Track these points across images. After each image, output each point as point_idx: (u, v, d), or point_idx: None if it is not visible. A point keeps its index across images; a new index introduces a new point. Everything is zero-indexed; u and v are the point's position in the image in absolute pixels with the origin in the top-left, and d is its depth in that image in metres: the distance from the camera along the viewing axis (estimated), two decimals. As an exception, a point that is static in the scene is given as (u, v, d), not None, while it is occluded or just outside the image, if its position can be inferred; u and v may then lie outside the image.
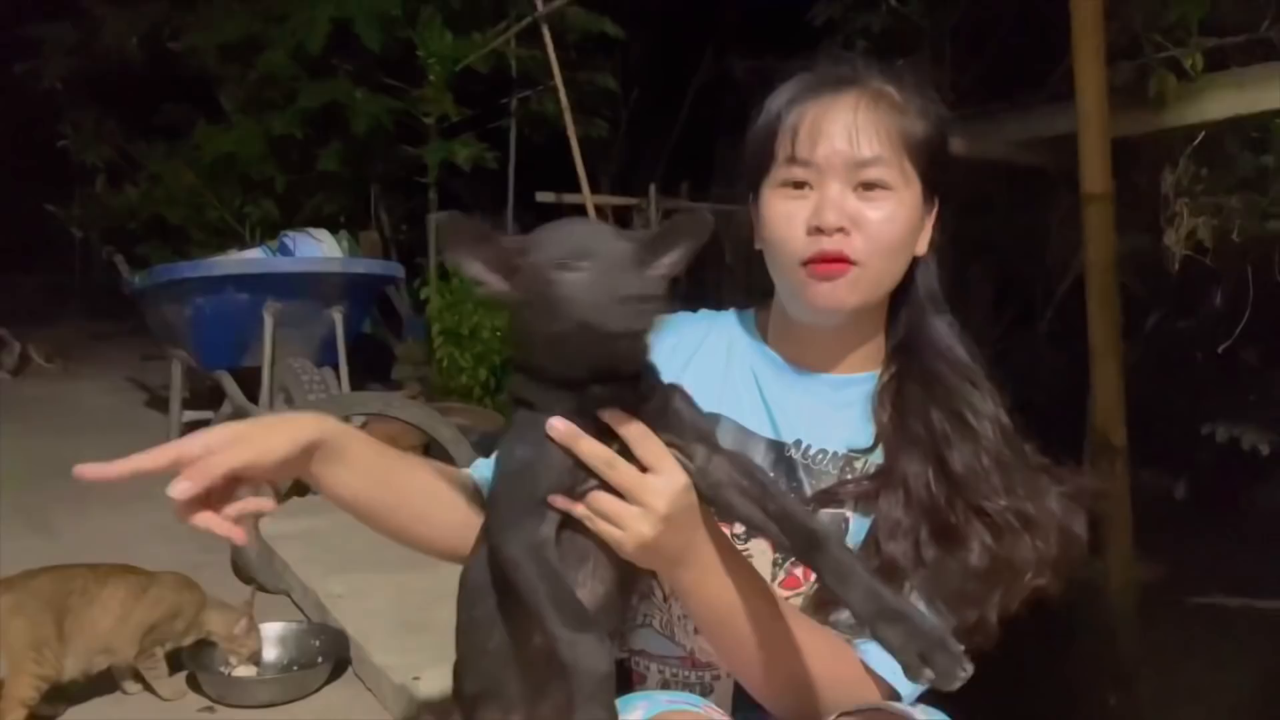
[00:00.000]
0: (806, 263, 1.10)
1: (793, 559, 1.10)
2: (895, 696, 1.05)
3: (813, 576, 1.08)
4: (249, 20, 6.61)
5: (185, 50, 6.92)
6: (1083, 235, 2.48)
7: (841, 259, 1.09)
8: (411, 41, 6.14)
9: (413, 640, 2.40)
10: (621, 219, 6.19)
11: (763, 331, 1.25)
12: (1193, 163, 3.12)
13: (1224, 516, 3.53)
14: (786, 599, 1.09)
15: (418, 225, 6.81)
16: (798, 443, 1.17)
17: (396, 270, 5.12)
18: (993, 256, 4.31)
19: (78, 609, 2.28)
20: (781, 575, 1.12)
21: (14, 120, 8.27)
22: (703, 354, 1.23)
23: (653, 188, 6.13)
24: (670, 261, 0.93)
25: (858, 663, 1.04)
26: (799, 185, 1.11)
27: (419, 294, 5.99)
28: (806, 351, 1.19)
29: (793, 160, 1.10)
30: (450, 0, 6.19)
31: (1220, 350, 3.22)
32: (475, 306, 5.36)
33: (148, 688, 2.43)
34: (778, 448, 1.17)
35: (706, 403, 1.10)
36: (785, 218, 1.11)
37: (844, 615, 1.04)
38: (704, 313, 1.32)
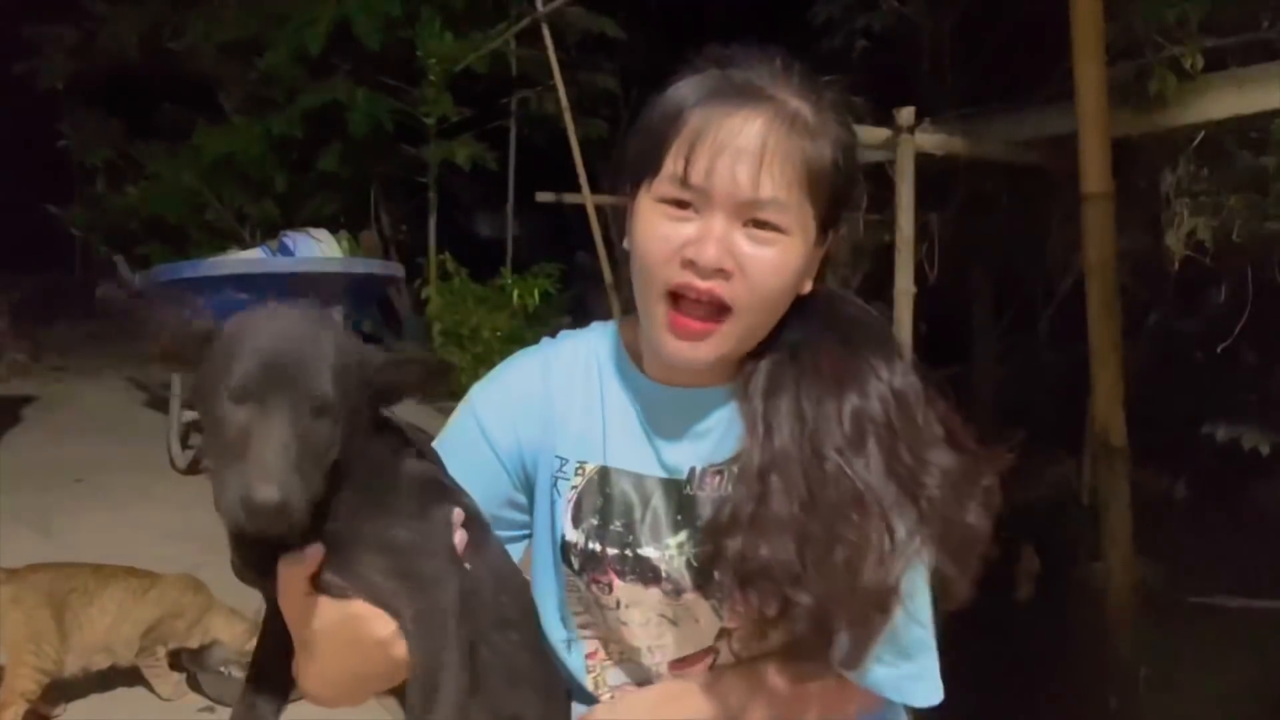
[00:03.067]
0: (671, 300, 0.98)
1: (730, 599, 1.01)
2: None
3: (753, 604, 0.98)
4: (249, 20, 6.61)
5: (185, 50, 6.92)
6: (1083, 235, 2.48)
7: (714, 300, 0.97)
8: (411, 41, 6.13)
9: None
10: (622, 219, 6.19)
11: (630, 350, 1.11)
12: (1193, 163, 3.12)
13: (1224, 516, 3.52)
14: (739, 630, 1.05)
15: (418, 225, 6.81)
16: (693, 471, 1.06)
17: (396, 270, 5.12)
18: (993, 256, 4.31)
19: (76, 607, 2.28)
20: (726, 614, 1.05)
21: (14, 120, 8.25)
22: (574, 395, 1.11)
23: (653, 188, 6.12)
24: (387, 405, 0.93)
25: (837, 691, 1.02)
26: (682, 205, 0.97)
27: (419, 294, 5.99)
28: (679, 371, 1.05)
29: (681, 181, 0.96)
30: (450, 0, 6.19)
31: (1220, 350, 3.22)
32: (475, 306, 5.36)
33: (148, 686, 2.44)
34: (673, 486, 1.06)
35: (590, 453, 1.09)
36: (660, 239, 0.98)
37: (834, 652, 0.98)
38: (550, 343, 1.17)
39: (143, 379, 6.47)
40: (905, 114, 3.01)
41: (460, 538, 0.95)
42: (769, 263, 0.97)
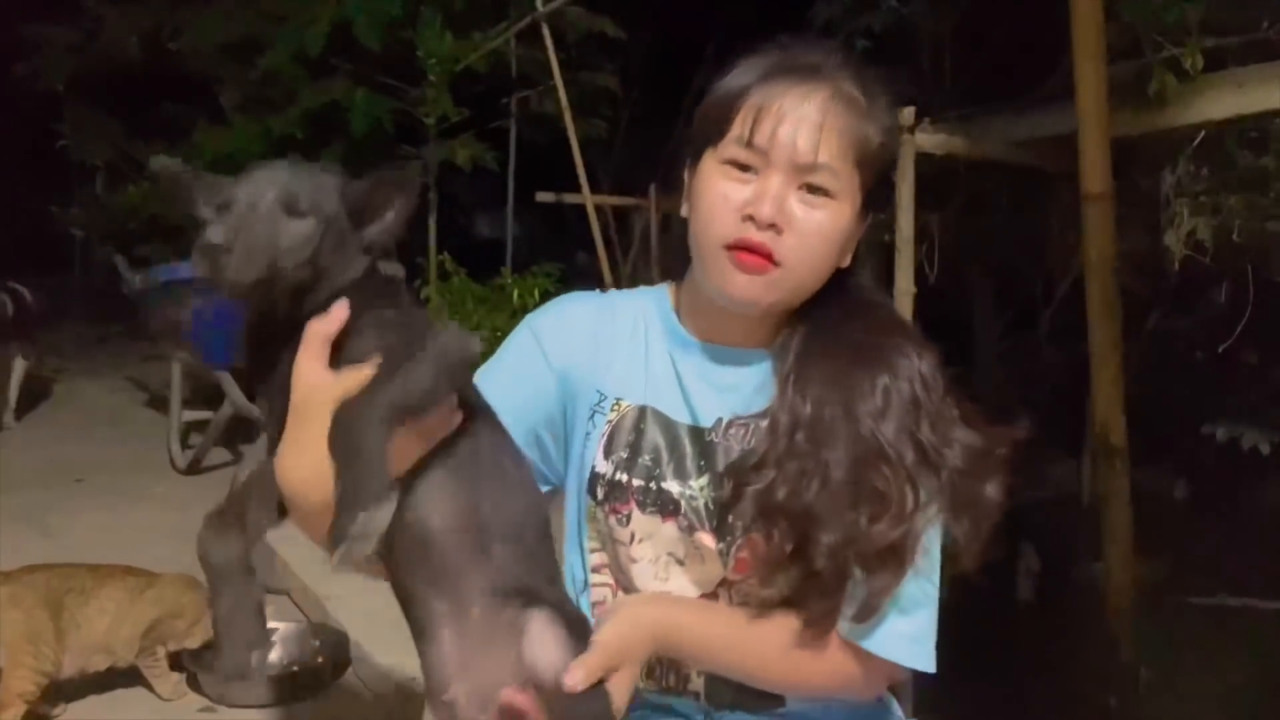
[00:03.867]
0: (730, 247, 1.07)
1: (738, 544, 1.10)
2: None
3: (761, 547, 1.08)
4: (249, 20, 6.61)
5: (185, 50, 6.92)
6: (1083, 235, 2.48)
7: (766, 255, 1.06)
8: (411, 41, 6.13)
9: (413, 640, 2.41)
10: (622, 219, 6.19)
11: (676, 308, 1.22)
12: (1193, 163, 3.12)
13: (1224, 516, 3.53)
14: (741, 581, 1.11)
15: (418, 225, 6.81)
16: (719, 422, 1.15)
17: (397, 270, 5.11)
18: (993, 256, 4.31)
19: (74, 607, 2.28)
20: (731, 563, 1.12)
21: (14, 120, 8.25)
22: (620, 340, 1.21)
23: (653, 188, 6.13)
24: (381, 228, 1.02)
25: (839, 652, 1.06)
26: (743, 168, 1.08)
27: (419, 294, 5.99)
28: (720, 328, 1.17)
29: (746, 143, 1.07)
30: (450, 0, 6.19)
31: (1220, 350, 3.22)
32: (475, 306, 5.36)
33: (148, 686, 2.44)
34: (698, 433, 1.15)
35: (629, 392, 1.17)
36: (721, 196, 1.08)
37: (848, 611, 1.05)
38: (609, 294, 1.29)
39: (143, 379, 6.48)
40: (905, 114, 3.01)
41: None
42: (818, 223, 1.07)
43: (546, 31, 4.93)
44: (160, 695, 2.43)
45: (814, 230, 1.07)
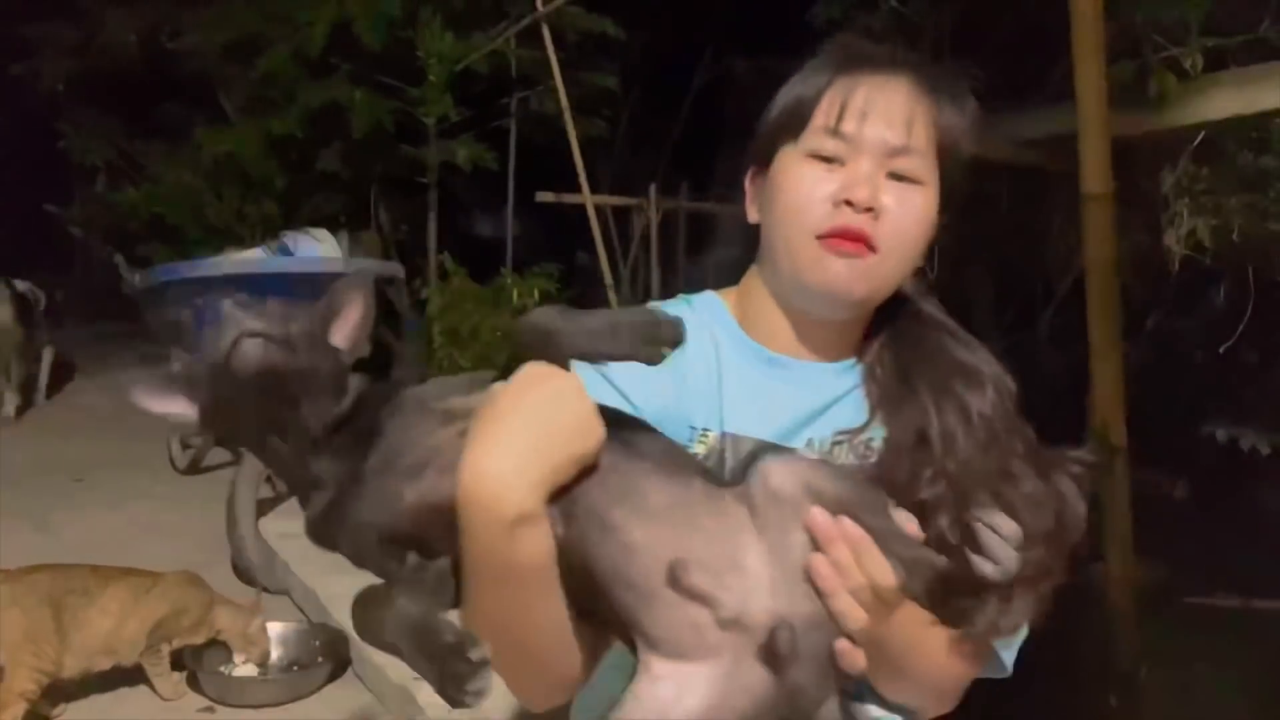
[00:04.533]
0: (823, 236, 1.04)
1: None
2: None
3: None
4: (249, 20, 6.61)
5: (185, 50, 6.92)
6: (1083, 235, 2.48)
7: (864, 239, 1.03)
8: (411, 41, 6.13)
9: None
10: (622, 219, 6.19)
11: (738, 318, 1.16)
12: (1193, 163, 3.12)
13: (1224, 516, 3.52)
14: None
15: (418, 225, 6.81)
16: (809, 442, 1.10)
17: (396, 270, 5.12)
18: (993, 256, 4.31)
19: (76, 608, 2.28)
20: None
21: (14, 120, 8.25)
22: (695, 363, 1.12)
23: (653, 188, 6.13)
24: (351, 332, 0.93)
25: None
26: (827, 160, 1.05)
27: (419, 294, 5.99)
28: (795, 339, 1.12)
29: (832, 132, 1.04)
30: (450, 0, 6.20)
31: (1220, 350, 3.22)
32: (475, 306, 5.36)
33: (149, 685, 2.44)
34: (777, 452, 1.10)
35: (710, 420, 1.09)
36: (810, 184, 1.05)
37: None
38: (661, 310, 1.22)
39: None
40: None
41: None
42: (910, 207, 1.05)
43: (546, 31, 4.93)
44: (160, 695, 2.43)
45: (909, 214, 1.05)
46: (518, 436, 0.83)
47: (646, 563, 0.85)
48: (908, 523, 0.91)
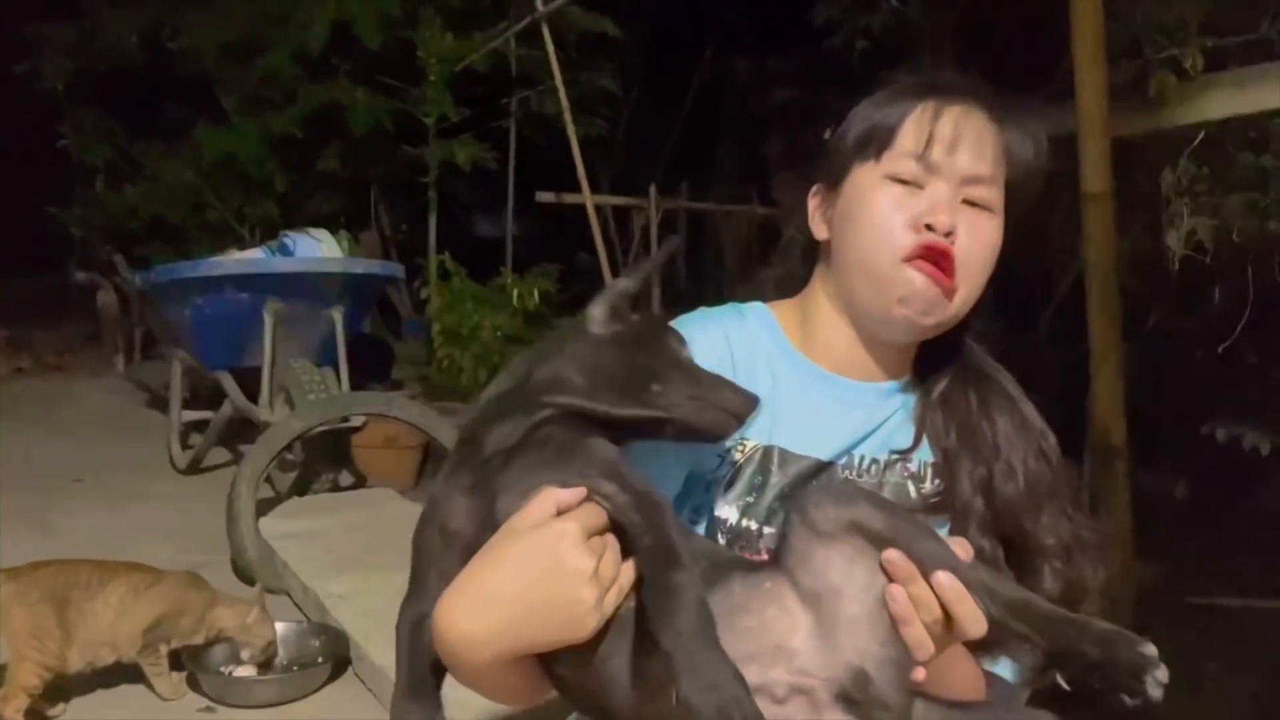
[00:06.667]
0: (909, 259, 1.04)
1: None
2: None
3: None
4: (249, 20, 6.62)
5: (185, 50, 6.93)
6: (1083, 235, 2.48)
7: (949, 256, 1.04)
8: (411, 41, 6.14)
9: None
10: (621, 219, 6.19)
11: (790, 335, 1.16)
12: (1193, 163, 3.12)
13: (1224, 516, 3.52)
14: None
15: (418, 225, 6.82)
16: (858, 460, 1.12)
17: (396, 270, 5.12)
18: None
19: (79, 602, 2.29)
20: None
21: (14, 120, 8.25)
22: (740, 373, 1.10)
23: (653, 188, 6.14)
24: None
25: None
26: (906, 183, 1.06)
27: (419, 294, 5.99)
28: (851, 359, 1.13)
29: (917, 156, 1.05)
30: (450, 0, 6.20)
31: (1220, 350, 3.21)
32: (475, 306, 5.37)
33: (149, 685, 2.44)
34: (834, 472, 1.11)
35: (756, 431, 1.09)
36: (893, 207, 1.06)
37: None
38: (713, 319, 1.17)
39: (143, 379, 6.48)
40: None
41: None
42: (981, 235, 1.07)
43: (546, 31, 4.93)
44: (160, 695, 2.42)
45: (980, 241, 1.07)
46: (496, 605, 0.83)
47: None
48: (960, 548, 0.91)
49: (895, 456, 1.12)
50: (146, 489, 4.19)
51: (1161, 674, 0.84)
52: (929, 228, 1.04)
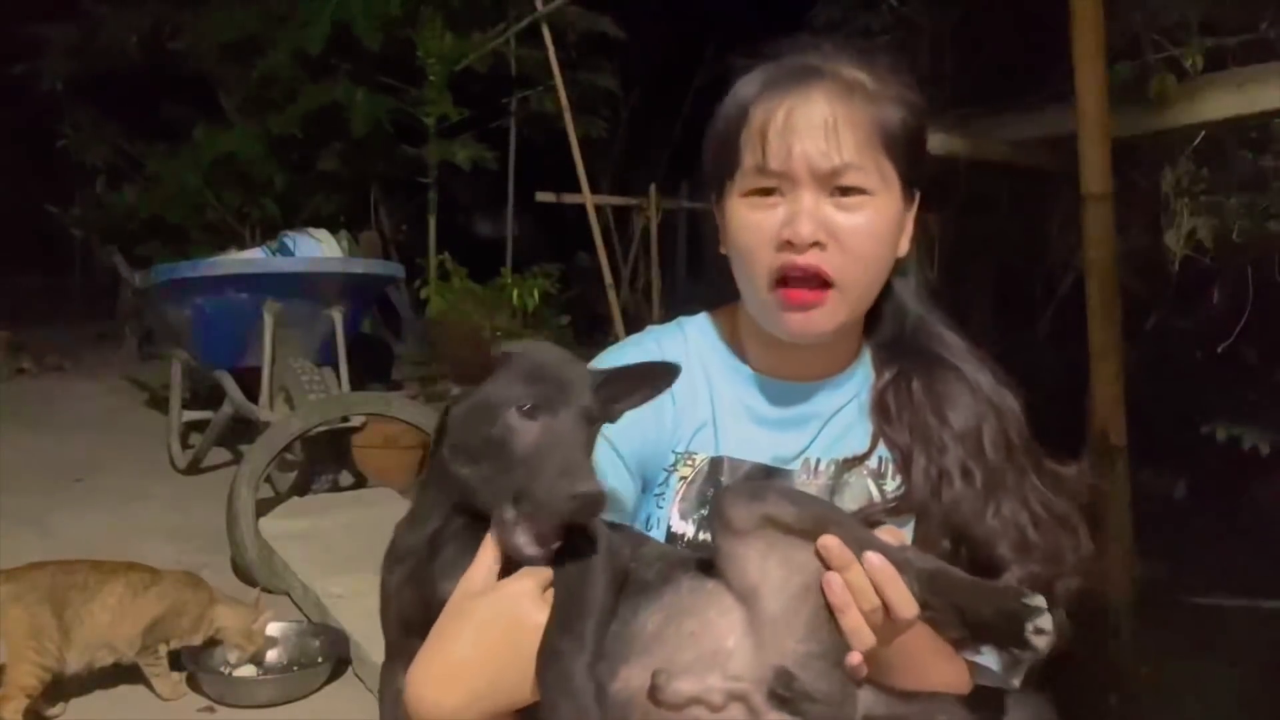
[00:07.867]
0: (777, 283, 1.01)
1: None
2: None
3: None
4: (249, 20, 6.62)
5: (185, 50, 6.93)
6: (1083, 235, 2.48)
7: (817, 275, 0.99)
8: (411, 41, 6.14)
9: (413, 640, 2.41)
10: (622, 219, 6.19)
11: (730, 341, 1.14)
12: (1193, 163, 3.12)
13: (1224, 516, 3.52)
14: None
15: (418, 225, 6.82)
16: (806, 462, 1.09)
17: (396, 270, 5.12)
18: (993, 256, 4.31)
19: (77, 603, 2.29)
20: None
21: (14, 120, 8.26)
22: (682, 391, 1.08)
23: (653, 188, 6.13)
24: (624, 408, 0.92)
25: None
26: (767, 192, 1.01)
27: (419, 294, 5.99)
28: (789, 361, 1.10)
29: (761, 169, 1.00)
30: (450, 0, 6.20)
31: (1220, 350, 3.21)
32: (475, 306, 5.36)
33: (149, 685, 2.44)
34: (785, 477, 1.08)
35: (702, 444, 1.09)
36: (754, 229, 1.02)
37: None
38: (651, 336, 1.17)
39: (143, 379, 6.48)
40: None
41: None
42: (862, 227, 1.00)
43: (546, 31, 4.93)
44: (160, 695, 2.43)
45: (861, 235, 1.00)
46: (464, 673, 0.84)
47: (641, 697, 0.86)
48: (887, 533, 0.90)
49: (853, 458, 1.08)
50: (146, 489, 4.18)
51: (1044, 621, 0.82)
52: (790, 244, 0.99)
